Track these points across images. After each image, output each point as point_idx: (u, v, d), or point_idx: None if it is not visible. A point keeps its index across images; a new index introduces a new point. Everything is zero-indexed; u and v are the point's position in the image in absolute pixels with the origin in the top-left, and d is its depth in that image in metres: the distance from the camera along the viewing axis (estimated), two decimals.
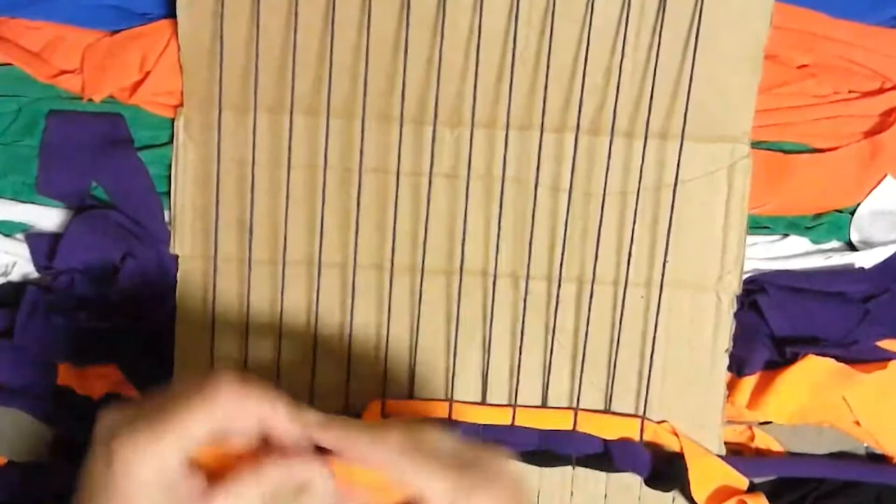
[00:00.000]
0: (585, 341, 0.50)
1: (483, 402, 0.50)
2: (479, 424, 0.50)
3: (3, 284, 0.51)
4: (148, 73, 0.48)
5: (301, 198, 0.49)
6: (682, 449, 0.50)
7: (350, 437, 0.38)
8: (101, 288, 0.49)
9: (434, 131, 0.47)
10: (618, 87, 0.47)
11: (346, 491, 0.38)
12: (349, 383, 0.50)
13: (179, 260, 0.50)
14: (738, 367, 0.50)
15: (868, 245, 0.51)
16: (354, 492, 0.38)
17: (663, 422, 0.50)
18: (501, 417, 0.50)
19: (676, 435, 0.50)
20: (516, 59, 0.47)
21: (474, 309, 0.50)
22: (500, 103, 0.48)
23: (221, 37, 0.47)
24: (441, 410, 0.50)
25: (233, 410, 0.37)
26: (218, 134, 0.48)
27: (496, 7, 0.46)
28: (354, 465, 0.38)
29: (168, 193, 0.49)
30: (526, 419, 0.50)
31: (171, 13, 0.47)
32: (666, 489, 0.51)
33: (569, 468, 0.51)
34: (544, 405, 0.50)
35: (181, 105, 0.48)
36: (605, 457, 0.51)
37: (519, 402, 0.50)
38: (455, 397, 0.50)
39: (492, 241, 0.49)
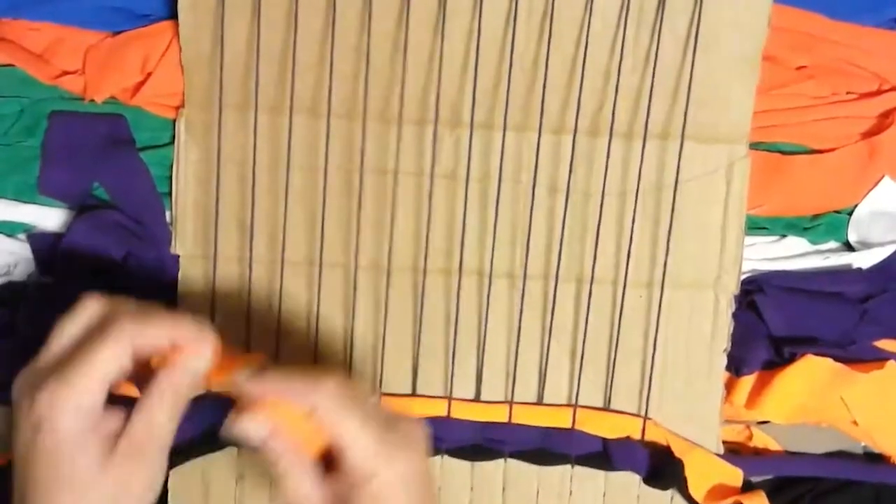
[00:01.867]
0: (584, 340, 0.50)
1: (478, 399, 0.51)
2: (478, 422, 0.51)
3: (5, 284, 0.51)
4: (149, 75, 0.48)
5: (301, 198, 0.49)
6: (667, 443, 0.50)
7: (288, 383, 0.39)
8: (103, 288, 0.49)
9: (435, 132, 0.48)
10: (616, 89, 0.47)
11: (273, 433, 0.39)
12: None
13: (180, 260, 0.50)
14: (736, 366, 0.51)
15: (866, 246, 0.51)
16: (281, 434, 0.39)
17: (648, 418, 0.50)
18: (499, 414, 0.50)
19: (669, 433, 0.50)
20: (515, 61, 0.47)
21: (473, 308, 0.50)
22: (499, 104, 0.48)
23: (223, 38, 0.47)
24: (440, 407, 0.50)
25: (136, 337, 0.39)
26: (218, 135, 0.48)
27: (495, 8, 0.47)
28: (288, 404, 0.39)
29: (169, 194, 0.49)
30: (524, 416, 0.50)
31: (172, 14, 0.47)
32: (664, 487, 0.51)
33: (568, 467, 0.51)
34: (540, 402, 0.51)
35: (183, 106, 0.49)
36: (603, 456, 0.51)
37: (517, 400, 0.51)
38: (454, 395, 0.50)
39: (489, 240, 0.49)
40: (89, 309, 0.42)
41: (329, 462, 0.39)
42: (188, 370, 0.40)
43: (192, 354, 0.40)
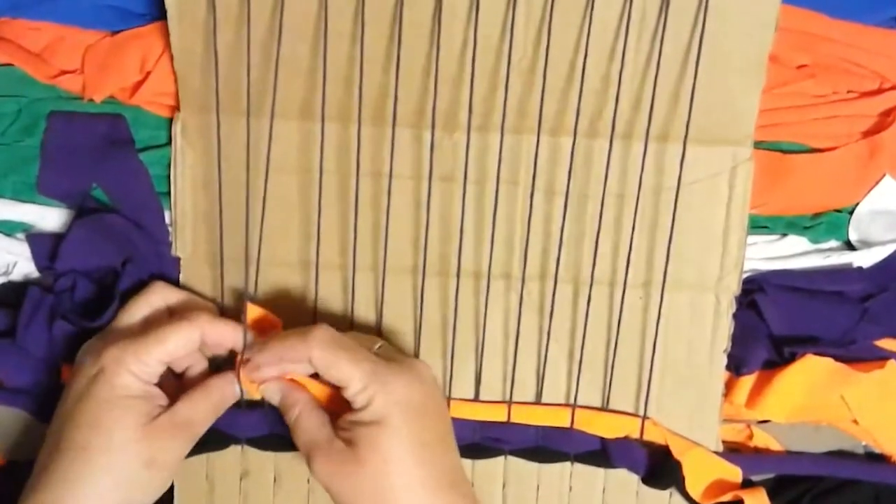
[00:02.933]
0: (583, 341, 0.50)
1: (477, 399, 0.51)
2: (477, 422, 0.51)
3: (5, 284, 0.51)
4: (148, 74, 0.48)
5: (298, 201, 0.49)
6: (666, 443, 0.50)
7: (286, 345, 0.44)
8: (103, 290, 0.49)
9: (432, 135, 0.47)
10: (618, 91, 0.47)
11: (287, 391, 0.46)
12: None
13: (181, 262, 0.50)
14: (736, 366, 0.50)
15: (866, 244, 0.51)
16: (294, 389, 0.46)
17: (647, 418, 0.50)
18: (498, 414, 0.50)
19: (668, 431, 0.50)
20: (513, 63, 0.47)
21: (471, 310, 0.50)
22: (496, 106, 0.47)
23: (215, 44, 0.46)
24: None
25: (208, 330, 0.45)
26: (218, 140, 0.48)
27: (493, 10, 0.46)
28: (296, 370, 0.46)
29: (169, 194, 0.49)
30: (523, 416, 0.51)
31: None
32: (662, 487, 0.51)
33: (567, 464, 0.51)
34: (538, 401, 0.51)
35: (178, 109, 0.48)
36: (602, 454, 0.51)
37: (516, 400, 0.50)
38: (453, 396, 0.50)
39: (487, 242, 0.49)
40: (158, 294, 0.48)
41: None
42: (235, 389, 0.47)
43: (233, 382, 0.47)
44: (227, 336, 0.46)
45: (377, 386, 0.43)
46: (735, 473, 0.50)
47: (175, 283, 0.50)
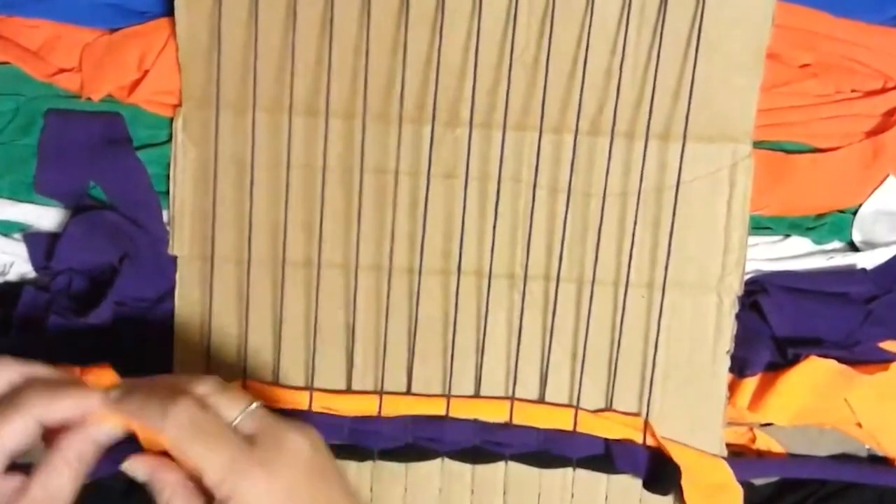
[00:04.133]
0: (585, 341, 0.49)
1: (478, 395, 0.50)
2: (478, 425, 0.50)
3: (1, 284, 0.50)
4: (146, 72, 0.48)
5: (301, 198, 0.49)
6: (656, 443, 0.50)
7: (143, 411, 0.39)
8: (100, 289, 0.49)
9: (432, 132, 0.47)
10: (618, 88, 0.47)
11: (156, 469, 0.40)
12: (351, 382, 0.50)
13: (178, 261, 0.50)
14: (739, 368, 0.50)
15: (870, 246, 0.51)
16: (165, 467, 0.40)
17: (635, 415, 0.50)
18: (499, 412, 0.50)
19: (663, 438, 0.50)
20: (515, 60, 0.47)
21: (472, 309, 0.50)
22: (499, 103, 0.47)
23: (219, 36, 0.46)
24: (438, 405, 0.50)
25: (44, 413, 0.39)
26: (216, 134, 0.47)
27: (495, 6, 0.46)
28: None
29: (167, 193, 0.49)
30: (525, 415, 0.50)
31: (169, 11, 0.47)
32: (662, 492, 0.51)
33: (569, 469, 0.51)
34: (542, 400, 0.50)
35: (180, 104, 0.48)
36: (605, 458, 0.51)
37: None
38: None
39: (488, 240, 0.48)
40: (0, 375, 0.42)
41: None
42: (92, 439, 0.40)
43: (98, 423, 0.40)
44: (72, 410, 0.40)
45: (235, 478, 0.38)
46: (731, 481, 0.50)
47: (172, 282, 0.50)
